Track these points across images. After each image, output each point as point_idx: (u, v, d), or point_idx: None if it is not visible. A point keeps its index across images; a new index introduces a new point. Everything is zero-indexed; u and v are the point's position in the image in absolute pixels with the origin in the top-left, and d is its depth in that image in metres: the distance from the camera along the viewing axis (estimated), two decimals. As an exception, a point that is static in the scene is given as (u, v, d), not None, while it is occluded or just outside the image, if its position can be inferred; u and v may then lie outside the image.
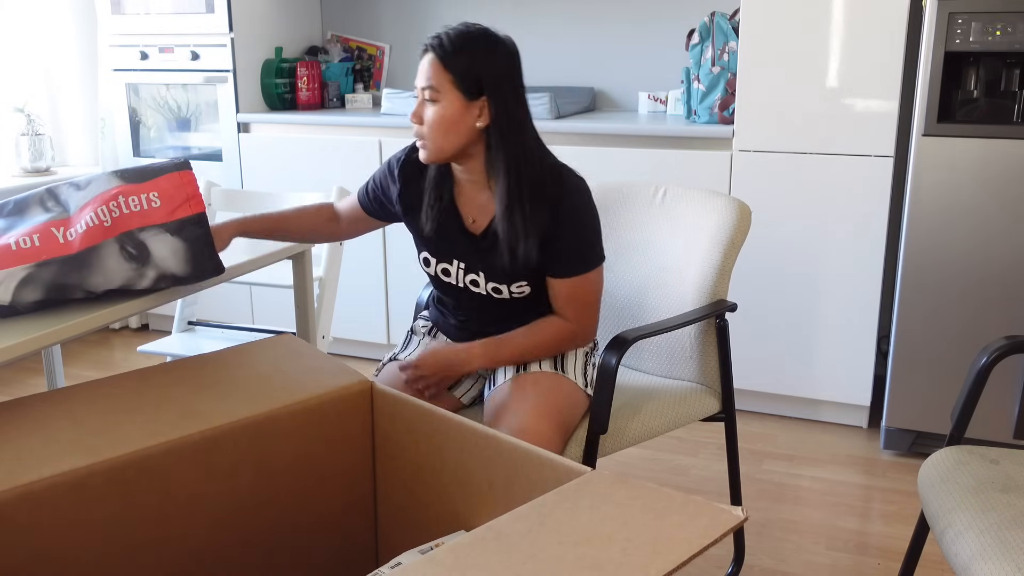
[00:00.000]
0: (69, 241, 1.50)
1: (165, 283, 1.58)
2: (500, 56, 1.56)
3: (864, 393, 2.76)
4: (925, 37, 2.37)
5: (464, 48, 1.53)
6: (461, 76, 1.53)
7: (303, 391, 1.35)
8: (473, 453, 1.23)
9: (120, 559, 1.17)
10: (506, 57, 1.57)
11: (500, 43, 1.57)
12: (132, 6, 3.40)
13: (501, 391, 1.68)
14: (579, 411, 1.69)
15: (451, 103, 1.54)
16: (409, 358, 1.73)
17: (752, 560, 2.11)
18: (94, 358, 3.54)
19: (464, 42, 1.53)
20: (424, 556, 0.89)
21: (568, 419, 1.65)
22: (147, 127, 3.55)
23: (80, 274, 1.50)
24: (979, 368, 1.59)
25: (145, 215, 1.56)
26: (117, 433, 1.20)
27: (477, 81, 1.54)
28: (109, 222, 1.51)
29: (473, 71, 1.53)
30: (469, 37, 1.54)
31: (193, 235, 1.58)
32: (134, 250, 1.53)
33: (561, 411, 1.63)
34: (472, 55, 1.53)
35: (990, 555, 1.27)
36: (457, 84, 1.53)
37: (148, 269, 1.55)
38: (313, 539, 1.38)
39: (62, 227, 1.52)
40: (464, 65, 1.53)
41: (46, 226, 1.51)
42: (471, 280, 1.71)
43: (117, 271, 1.52)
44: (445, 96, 1.54)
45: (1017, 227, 2.38)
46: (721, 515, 0.95)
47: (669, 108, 3.18)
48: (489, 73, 1.54)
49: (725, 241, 1.84)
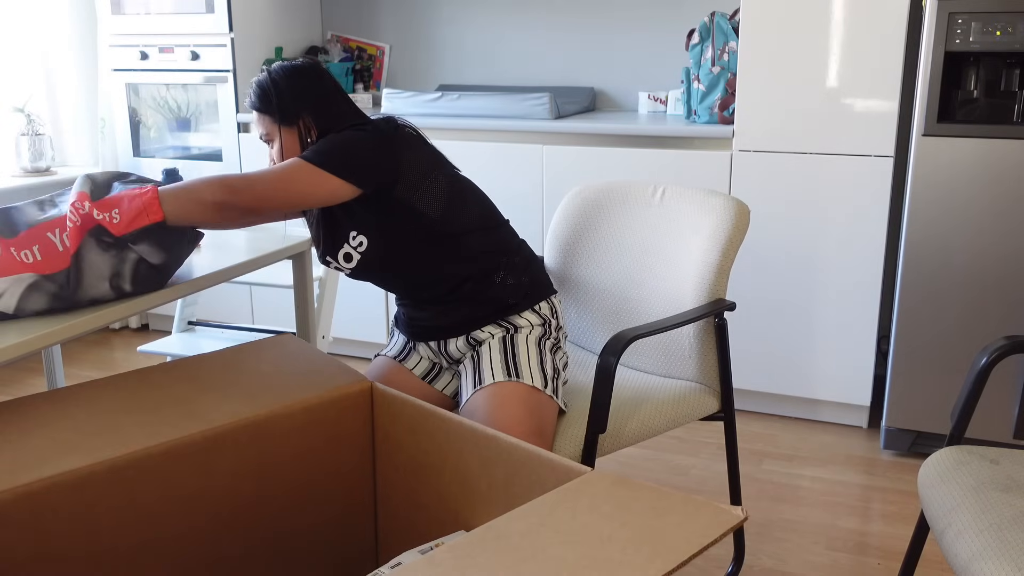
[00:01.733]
0: (66, 247, 1.51)
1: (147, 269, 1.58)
2: (294, 81, 1.75)
3: (864, 393, 2.77)
4: (925, 37, 2.37)
5: (263, 94, 1.74)
6: (276, 115, 1.74)
7: (303, 391, 1.35)
8: (473, 453, 1.23)
9: (120, 559, 1.17)
10: (304, 78, 1.76)
11: (293, 70, 1.76)
12: (132, 6, 3.40)
13: (467, 412, 1.68)
14: (547, 406, 1.67)
15: (279, 137, 1.75)
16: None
17: (752, 560, 2.12)
18: (94, 358, 3.54)
19: (260, 88, 1.75)
20: (424, 556, 0.89)
21: (541, 424, 1.63)
22: (147, 127, 3.55)
23: (77, 281, 1.52)
24: (979, 368, 1.59)
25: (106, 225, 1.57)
26: (117, 433, 1.20)
27: (285, 110, 1.73)
28: (79, 221, 1.53)
29: (280, 105, 1.73)
30: (263, 82, 1.75)
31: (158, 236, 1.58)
32: (109, 239, 1.54)
33: (532, 422, 1.61)
34: (270, 94, 1.73)
35: (990, 555, 1.27)
36: (277, 120, 1.74)
37: (128, 253, 1.56)
38: (313, 539, 1.38)
39: (56, 228, 1.53)
40: (273, 107, 1.73)
41: (41, 230, 1.52)
42: (344, 255, 1.74)
43: (102, 263, 1.54)
44: (274, 134, 1.75)
45: (1017, 227, 2.38)
46: (721, 515, 0.95)
47: (669, 108, 3.18)
48: (296, 101, 1.73)
49: (723, 240, 1.85)
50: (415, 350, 1.85)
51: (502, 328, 1.75)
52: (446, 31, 3.60)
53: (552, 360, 1.74)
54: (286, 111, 1.72)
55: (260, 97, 1.74)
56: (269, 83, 1.74)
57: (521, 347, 1.72)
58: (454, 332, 1.76)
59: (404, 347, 1.87)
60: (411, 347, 1.86)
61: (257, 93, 1.75)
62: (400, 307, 1.85)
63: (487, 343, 1.73)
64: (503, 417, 1.62)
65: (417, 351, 1.85)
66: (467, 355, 1.77)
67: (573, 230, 2.12)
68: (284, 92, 1.73)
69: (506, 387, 1.66)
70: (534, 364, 1.70)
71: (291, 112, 1.73)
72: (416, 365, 1.84)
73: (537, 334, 1.75)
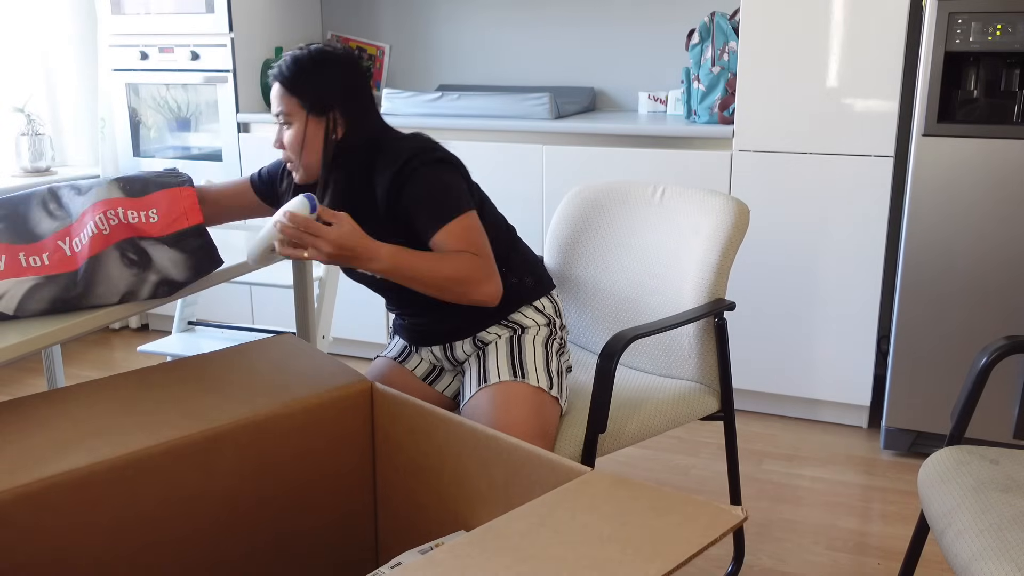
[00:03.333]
0: (76, 253, 1.51)
1: (167, 288, 1.58)
2: (338, 70, 1.65)
3: (864, 393, 2.76)
4: (925, 37, 2.37)
5: (302, 72, 1.62)
6: (306, 98, 1.62)
7: (303, 391, 1.35)
8: (473, 453, 1.23)
9: (120, 559, 1.17)
10: (345, 67, 1.66)
11: (335, 58, 1.65)
12: (132, 6, 3.40)
13: (468, 412, 1.68)
14: (550, 407, 1.67)
15: (303, 124, 1.63)
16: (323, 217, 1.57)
17: (752, 560, 2.12)
18: (94, 358, 3.54)
19: (301, 67, 1.62)
20: (424, 556, 0.89)
21: (545, 425, 1.63)
22: (147, 127, 3.55)
23: (86, 288, 1.51)
24: (979, 368, 1.59)
25: (142, 228, 1.56)
26: (117, 433, 1.20)
27: (321, 99, 1.62)
28: (108, 230, 1.52)
29: (314, 91, 1.62)
30: (304, 60, 1.63)
31: (192, 246, 1.59)
32: (135, 256, 1.53)
33: (533, 422, 1.61)
34: (309, 76, 1.62)
35: (990, 555, 1.27)
36: (304, 106, 1.62)
37: (150, 274, 1.55)
38: (313, 539, 1.38)
39: (67, 237, 1.52)
40: (306, 87, 1.62)
41: (53, 240, 1.52)
42: None
43: (120, 278, 1.53)
44: (296, 118, 1.63)
45: (1017, 227, 2.38)
46: (721, 515, 0.95)
47: (669, 108, 3.18)
48: (331, 89, 1.63)
49: (723, 240, 1.85)
50: (416, 352, 1.85)
51: (508, 328, 1.75)
52: (446, 31, 3.60)
53: (557, 362, 1.74)
54: (320, 100, 1.62)
55: (295, 75, 1.62)
56: (310, 64, 1.62)
57: (528, 348, 1.72)
58: (460, 335, 1.76)
59: (404, 349, 1.87)
60: (411, 349, 1.86)
61: (292, 70, 1.62)
62: (399, 315, 1.83)
63: (494, 343, 1.74)
64: (507, 416, 1.62)
65: (418, 353, 1.85)
66: (472, 355, 1.78)
67: (573, 230, 2.12)
68: (324, 80, 1.62)
69: (511, 387, 1.66)
70: (540, 365, 1.71)
71: (325, 103, 1.63)
72: (417, 366, 1.84)
73: (544, 335, 1.75)
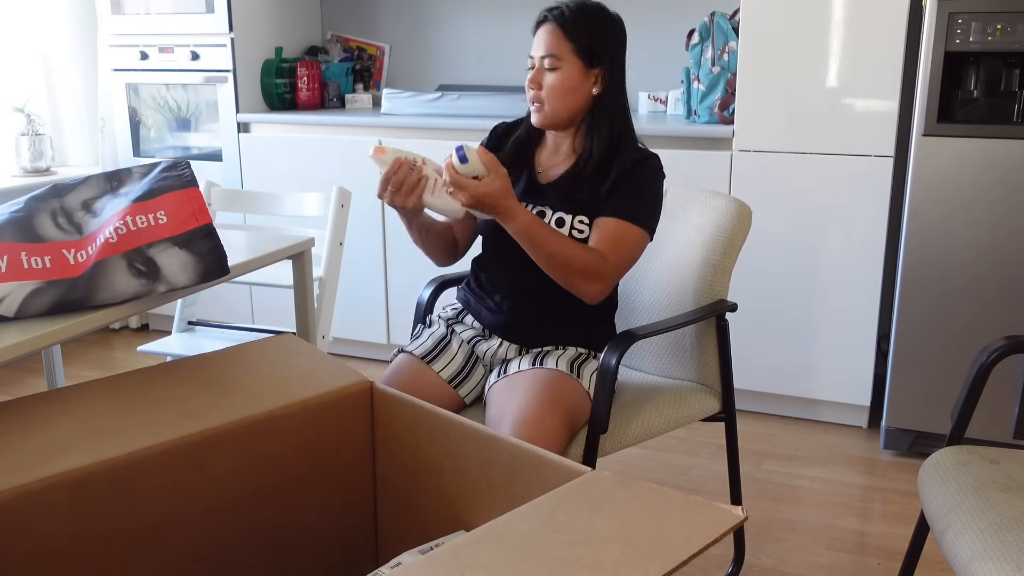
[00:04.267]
0: (80, 262, 1.51)
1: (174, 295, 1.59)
2: (615, 29, 1.67)
3: (864, 393, 2.76)
4: (925, 37, 2.37)
5: (584, 19, 1.62)
6: (581, 45, 1.62)
7: (303, 391, 1.35)
8: (473, 453, 1.23)
9: (120, 559, 1.17)
10: (620, 31, 1.69)
11: (615, 18, 1.68)
12: (132, 6, 3.40)
13: (512, 379, 1.67)
14: (585, 415, 1.69)
15: (571, 70, 1.63)
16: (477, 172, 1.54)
17: (752, 560, 2.11)
18: (94, 358, 3.54)
19: (584, 13, 1.62)
20: (424, 556, 0.89)
21: (575, 418, 1.65)
22: (147, 127, 3.55)
23: (88, 291, 1.51)
24: (979, 368, 1.59)
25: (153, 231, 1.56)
26: (117, 433, 1.20)
27: (595, 51, 1.63)
28: (115, 239, 1.52)
29: (593, 41, 1.63)
30: (589, 9, 1.64)
31: (202, 248, 1.59)
32: (143, 266, 1.53)
33: (568, 410, 1.62)
34: (591, 26, 1.63)
35: (990, 555, 1.27)
36: (577, 52, 1.62)
37: (158, 284, 1.55)
38: (313, 539, 1.38)
39: (73, 248, 1.53)
40: (585, 35, 1.62)
41: (57, 246, 1.52)
42: (537, 212, 1.72)
43: (126, 287, 1.53)
44: (566, 64, 1.63)
45: (1017, 227, 2.38)
46: (721, 515, 0.95)
47: (669, 108, 3.18)
48: (606, 44, 1.64)
49: (725, 241, 1.85)
50: (449, 348, 1.79)
51: (581, 355, 1.77)
52: (446, 31, 3.60)
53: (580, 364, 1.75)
54: (595, 51, 1.63)
55: (579, 20, 1.62)
56: (597, 13, 1.63)
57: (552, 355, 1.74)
58: (547, 341, 1.76)
59: (437, 344, 1.79)
60: (446, 344, 1.79)
61: (579, 15, 1.62)
62: (500, 298, 1.78)
63: (555, 358, 1.75)
64: (549, 388, 1.61)
65: (451, 348, 1.78)
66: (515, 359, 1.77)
67: (573, 230, 2.11)
68: (604, 33, 1.64)
69: (566, 376, 1.67)
70: (592, 375, 1.72)
71: (598, 56, 1.63)
72: (446, 367, 1.76)
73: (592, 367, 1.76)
